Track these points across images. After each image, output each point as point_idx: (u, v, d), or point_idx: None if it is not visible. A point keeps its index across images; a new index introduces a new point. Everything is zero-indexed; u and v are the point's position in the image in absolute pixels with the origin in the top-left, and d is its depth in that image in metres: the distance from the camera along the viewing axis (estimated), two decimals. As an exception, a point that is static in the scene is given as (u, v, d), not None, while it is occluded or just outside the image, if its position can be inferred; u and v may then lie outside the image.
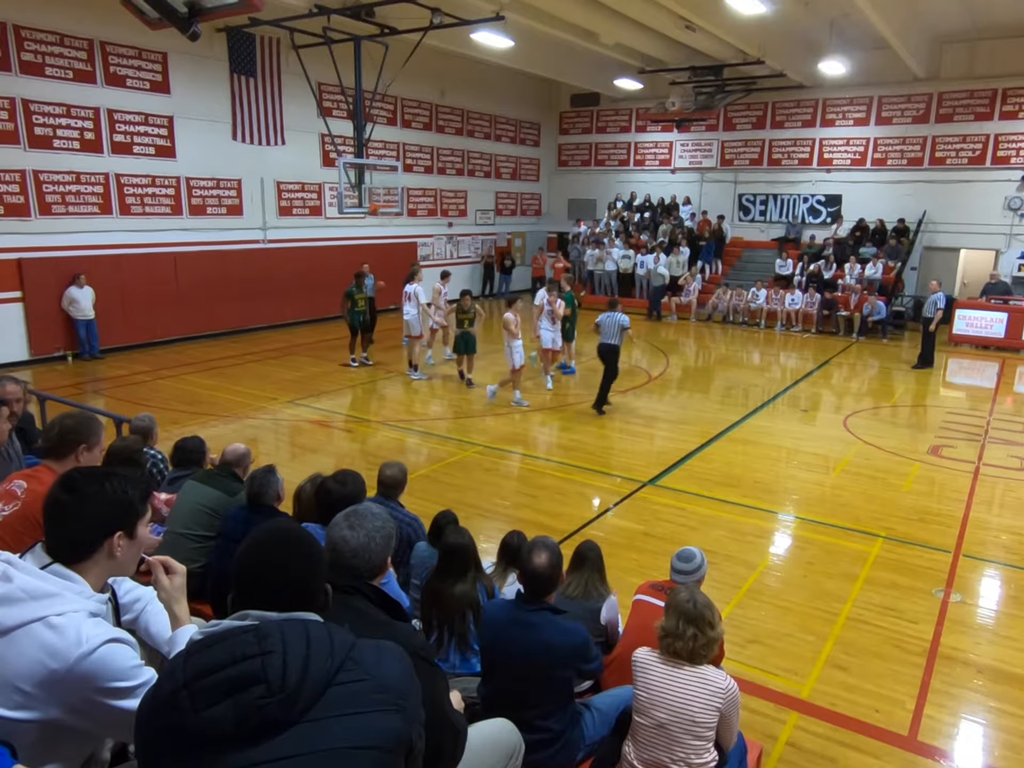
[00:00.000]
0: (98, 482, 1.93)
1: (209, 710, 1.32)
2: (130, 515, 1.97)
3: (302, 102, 15.40)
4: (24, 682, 1.71)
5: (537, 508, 6.72)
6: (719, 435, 9.07)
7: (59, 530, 1.91)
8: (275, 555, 1.62)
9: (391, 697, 1.42)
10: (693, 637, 2.71)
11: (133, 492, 1.98)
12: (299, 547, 1.66)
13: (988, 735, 3.88)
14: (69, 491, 1.90)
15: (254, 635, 1.41)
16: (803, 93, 19.35)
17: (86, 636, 1.75)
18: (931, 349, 13.23)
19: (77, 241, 12.65)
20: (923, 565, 5.73)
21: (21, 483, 3.08)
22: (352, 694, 1.38)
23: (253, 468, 4.20)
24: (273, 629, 1.43)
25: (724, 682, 2.70)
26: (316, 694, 1.35)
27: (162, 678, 1.43)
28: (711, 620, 2.74)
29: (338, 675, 1.39)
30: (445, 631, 3.37)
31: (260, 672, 1.34)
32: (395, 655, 1.52)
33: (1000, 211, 17.44)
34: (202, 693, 1.33)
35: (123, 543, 1.94)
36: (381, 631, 1.98)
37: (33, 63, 11.82)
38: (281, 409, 9.93)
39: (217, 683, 1.34)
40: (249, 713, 1.31)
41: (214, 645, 1.41)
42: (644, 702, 2.74)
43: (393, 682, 1.45)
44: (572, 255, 21.16)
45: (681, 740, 2.67)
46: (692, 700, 2.66)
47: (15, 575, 1.82)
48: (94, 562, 1.91)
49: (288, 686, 1.33)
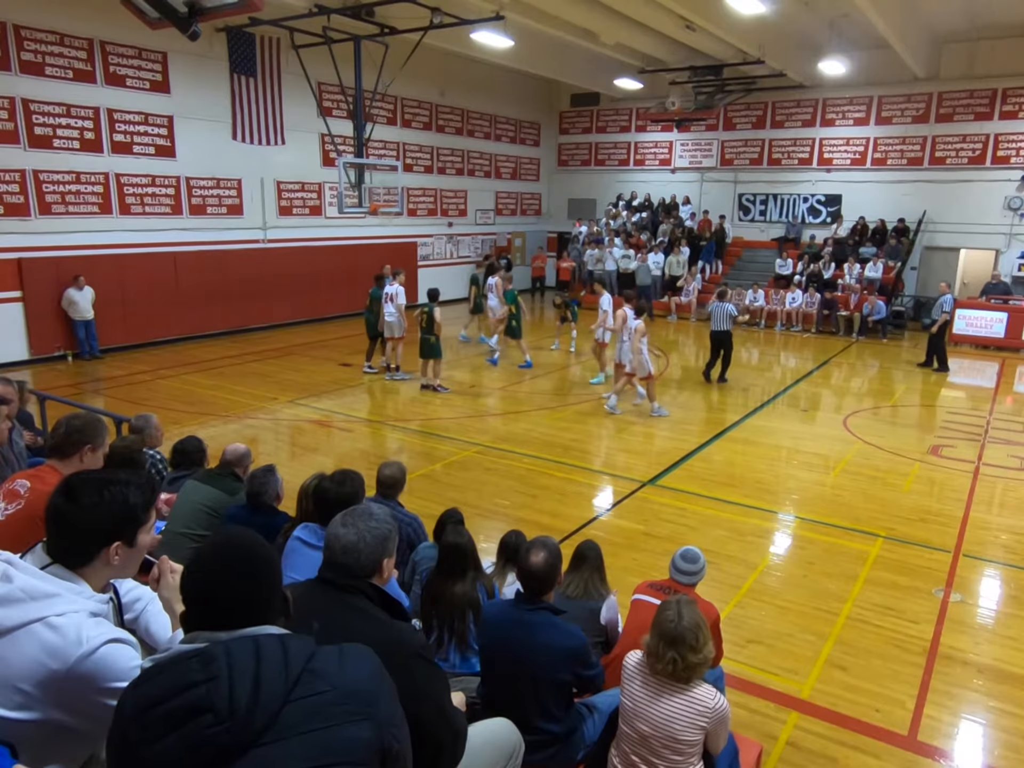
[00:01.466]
0: (98, 491, 1.89)
1: (156, 744, 1.27)
2: (130, 525, 1.93)
3: (302, 102, 15.40)
4: (24, 682, 1.70)
5: (537, 508, 6.72)
6: (719, 435, 9.07)
7: (57, 538, 1.90)
8: (218, 571, 1.54)
9: (357, 706, 1.37)
10: (672, 661, 2.55)
11: (136, 499, 1.94)
12: (242, 560, 1.56)
13: (988, 735, 3.88)
14: (68, 499, 1.87)
15: (198, 661, 1.35)
16: (803, 93, 19.35)
17: (86, 636, 1.75)
18: (943, 352, 12.99)
19: (77, 241, 12.66)
20: (923, 565, 5.73)
21: (24, 482, 3.09)
22: (313, 708, 1.33)
23: (253, 468, 4.21)
24: (219, 652, 1.36)
25: (712, 701, 2.57)
26: (271, 714, 1.29)
27: (116, 709, 1.38)
28: (694, 643, 2.55)
29: (294, 691, 1.33)
30: (445, 631, 3.37)
31: (205, 700, 1.28)
32: (360, 657, 1.46)
33: (1000, 211, 17.44)
34: (148, 727, 1.29)
35: (121, 552, 1.92)
36: (380, 630, 1.98)
37: (33, 63, 11.82)
38: (281, 409, 9.93)
39: (159, 717, 1.29)
40: (198, 744, 1.26)
41: (159, 675, 1.36)
42: (628, 711, 2.67)
43: (358, 688, 1.39)
44: (572, 255, 21.16)
45: (662, 754, 2.61)
46: (675, 719, 2.56)
47: (15, 575, 1.81)
48: (92, 568, 1.90)
49: (237, 711, 1.28)
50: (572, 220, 22.92)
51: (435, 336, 10.72)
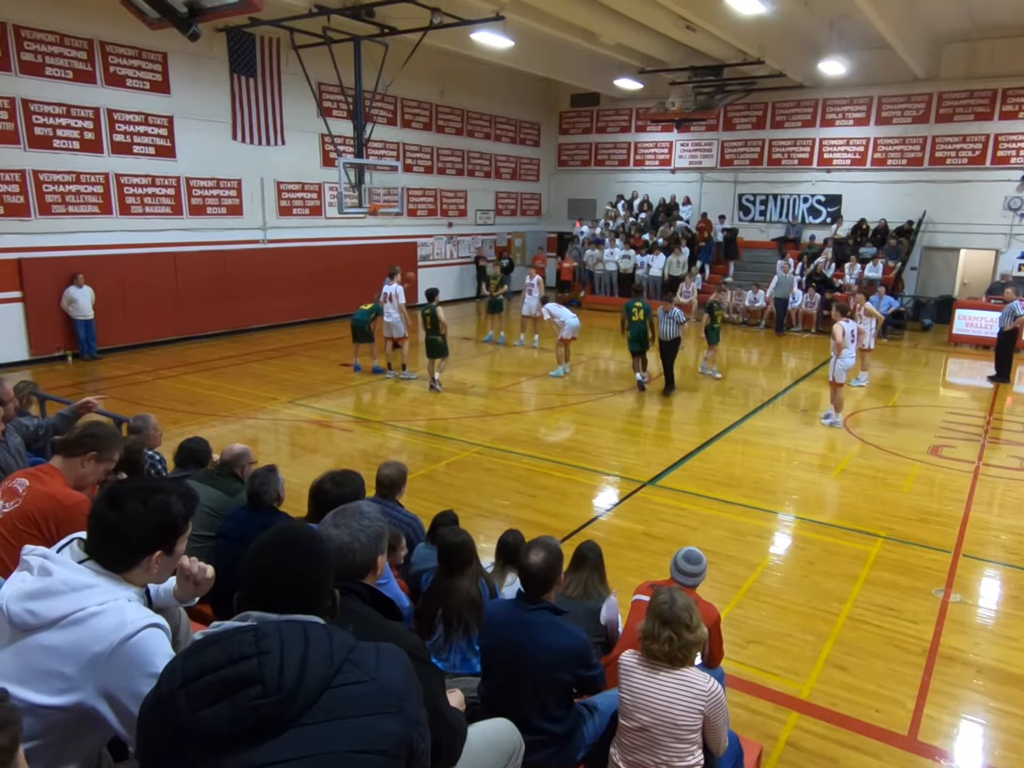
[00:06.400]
0: (142, 500, 1.92)
1: (205, 710, 1.31)
2: (172, 534, 1.99)
3: (302, 102, 15.40)
4: (68, 666, 1.76)
5: (537, 508, 6.72)
6: (719, 435, 9.07)
7: (101, 545, 1.93)
8: (278, 556, 1.62)
9: (391, 700, 1.41)
10: (668, 640, 2.66)
11: (178, 508, 1.98)
12: (302, 549, 1.65)
13: (988, 735, 3.88)
14: (114, 508, 1.90)
15: (252, 635, 1.41)
16: (803, 93, 19.35)
17: (130, 619, 1.80)
18: (1009, 360, 12.42)
19: (77, 241, 12.66)
20: (923, 565, 5.73)
21: (23, 481, 3.10)
22: (351, 697, 1.38)
23: (254, 468, 4.21)
24: (271, 630, 1.42)
25: (706, 684, 2.66)
26: (313, 696, 1.34)
27: (162, 677, 1.43)
28: (688, 622, 2.68)
29: (336, 677, 1.38)
30: (453, 628, 3.37)
31: (256, 672, 1.34)
32: (394, 657, 1.51)
33: (1000, 211, 17.44)
34: (198, 693, 1.33)
35: (161, 560, 1.98)
36: (374, 631, 1.98)
37: (33, 63, 11.82)
38: (281, 409, 9.93)
39: (213, 683, 1.33)
40: (244, 713, 1.31)
41: (212, 645, 1.41)
42: (628, 705, 2.72)
43: (392, 684, 1.44)
44: (572, 255, 21.15)
45: (663, 743, 2.65)
46: (673, 703, 2.64)
47: (54, 569, 1.86)
48: (131, 575, 1.95)
49: (284, 687, 1.33)
50: (572, 220, 22.91)
51: (442, 336, 10.77)
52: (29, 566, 1.89)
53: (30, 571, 1.88)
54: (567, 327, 11.95)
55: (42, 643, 1.78)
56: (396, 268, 12.07)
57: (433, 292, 10.92)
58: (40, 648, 1.77)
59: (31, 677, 1.75)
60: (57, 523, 2.96)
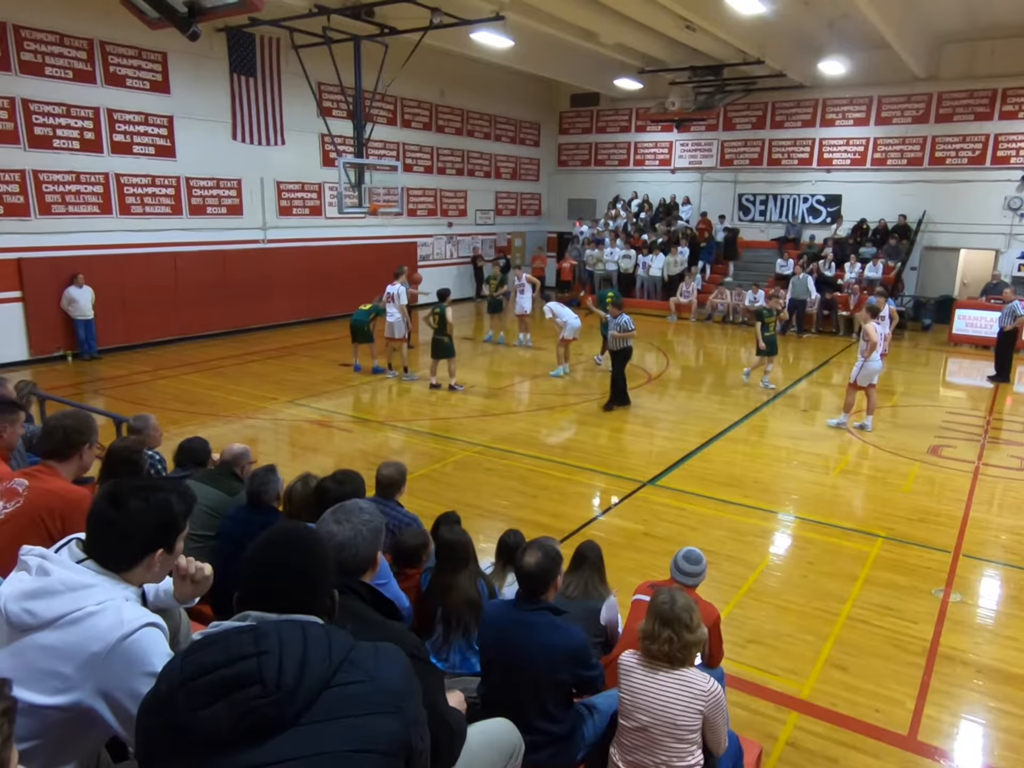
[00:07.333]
0: (144, 498, 1.93)
1: (204, 710, 1.31)
2: (172, 532, 1.99)
3: (302, 102, 15.40)
4: (66, 666, 1.76)
5: (537, 508, 6.72)
6: (719, 435, 9.07)
7: (102, 544, 1.93)
8: (277, 556, 1.63)
9: (390, 699, 1.41)
10: (668, 640, 2.66)
11: (179, 507, 1.99)
12: (302, 549, 1.65)
13: (988, 735, 3.88)
14: (116, 507, 1.90)
15: (251, 635, 1.41)
16: (803, 93, 19.34)
17: (127, 619, 1.80)
18: (1009, 360, 12.36)
19: (77, 241, 12.65)
20: (923, 565, 5.73)
21: (23, 481, 3.10)
22: (350, 696, 1.38)
23: (253, 468, 4.21)
24: (270, 630, 1.43)
25: (706, 684, 2.66)
26: (312, 696, 1.34)
27: (161, 677, 1.43)
28: (688, 623, 2.68)
29: (335, 677, 1.38)
30: (452, 627, 3.37)
31: (256, 672, 1.34)
32: (393, 657, 1.51)
33: (1000, 211, 17.43)
34: (197, 693, 1.33)
35: (162, 559, 1.98)
36: (374, 631, 1.98)
37: (33, 63, 11.81)
38: (281, 409, 9.93)
39: (212, 683, 1.33)
40: (244, 713, 1.31)
41: (211, 645, 1.41)
42: (627, 705, 2.72)
43: (392, 684, 1.44)
44: (573, 255, 21.14)
45: (663, 743, 2.65)
46: (672, 703, 2.64)
47: (52, 569, 1.86)
48: (132, 574, 1.95)
49: (284, 687, 1.33)
50: (572, 220, 22.90)
51: (448, 336, 10.77)
52: (27, 566, 1.89)
53: (28, 571, 1.88)
54: (568, 327, 11.96)
55: (40, 643, 1.78)
56: (403, 268, 12.12)
57: (445, 292, 11.01)
58: (38, 648, 1.78)
59: (29, 677, 1.75)
60: (63, 518, 2.97)
